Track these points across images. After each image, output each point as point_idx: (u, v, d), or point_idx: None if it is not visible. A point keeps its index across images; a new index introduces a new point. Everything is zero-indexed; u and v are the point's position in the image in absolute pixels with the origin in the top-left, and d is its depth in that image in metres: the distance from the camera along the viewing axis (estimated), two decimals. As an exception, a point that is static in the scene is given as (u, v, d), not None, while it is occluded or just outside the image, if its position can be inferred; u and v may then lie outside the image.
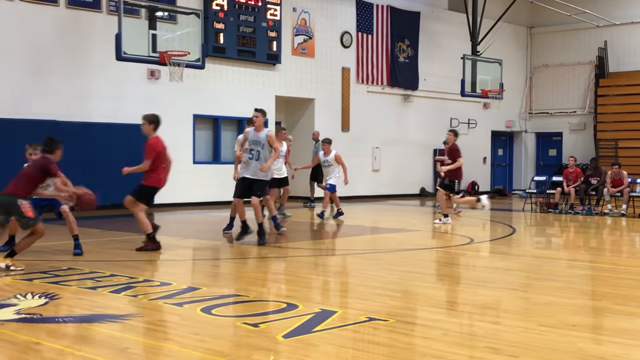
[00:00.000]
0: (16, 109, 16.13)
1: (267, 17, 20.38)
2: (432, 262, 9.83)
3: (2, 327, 5.64)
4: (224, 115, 20.01)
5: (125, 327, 5.76)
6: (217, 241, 11.82)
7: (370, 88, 23.99)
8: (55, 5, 16.73)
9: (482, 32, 23.58)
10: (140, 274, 8.46)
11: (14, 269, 8.44)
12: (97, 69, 17.31)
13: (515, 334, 5.62)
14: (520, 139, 29.65)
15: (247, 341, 5.30)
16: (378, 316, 6.18)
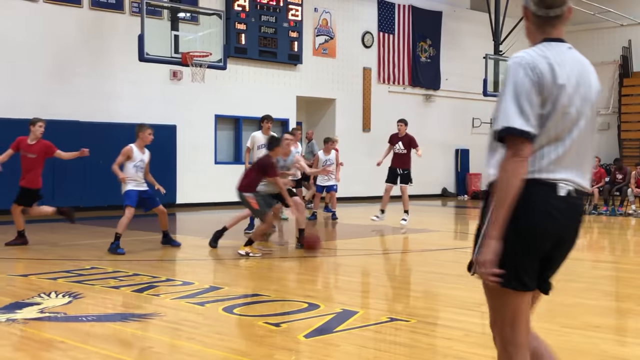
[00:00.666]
0: (40, 110, 16.23)
1: (289, 17, 20.41)
2: (454, 262, 9.78)
3: (26, 326, 5.70)
4: (245, 115, 20.06)
5: (148, 326, 5.79)
6: (238, 241, 11.84)
7: (392, 88, 23.94)
8: (79, 7, 16.87)
9: (505, 31, 23.43)
10: (162, 273, 8.50)
11: (253, 255, 9.69)
12: (120, 69, 17.44)
13: (539, 335, 5.58)
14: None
15: (269, 341, 5.31)
16: (399, 316, 6.17)
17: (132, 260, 9.66)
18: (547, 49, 2.94)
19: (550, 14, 2.98)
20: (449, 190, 25.71)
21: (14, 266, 8.84)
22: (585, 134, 2.92)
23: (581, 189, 2.93)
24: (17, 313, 6.14)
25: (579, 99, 2.89)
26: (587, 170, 2.95)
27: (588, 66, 2.99)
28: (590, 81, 2.96)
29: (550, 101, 2.83)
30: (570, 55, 2.95)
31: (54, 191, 16.37)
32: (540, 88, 2.83)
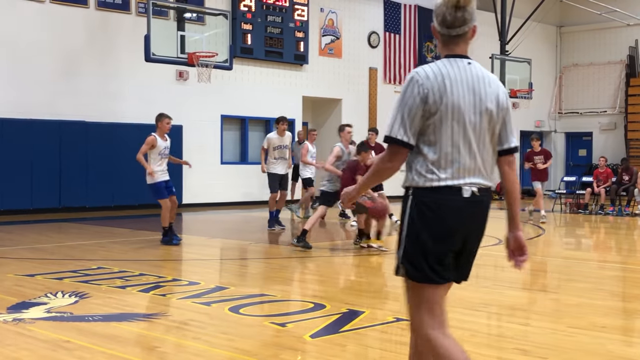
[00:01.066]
0: (46, 110, 16.33)
1: (295, 17, 20.41)
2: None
3: (33, 326, 5.71)
4: (252, 115, 20.08)
5: (154, 326, 5.80)
6: (244, 241, 11.86)
7: (398, 88, 23.90)
8: (85, 7, 16.91)
9: (511, 31, 23.40)
10: (168, 273, 8.51)
11: (377, 247, 10.35)
12: (126, 70, 17.47)
13: (545, 335, 5.57)
14: (550, 139, 29.39)
15: (275, 340, 5.31)
16: (406, 316, 6.15)
17: (139, 260, 9.68)
18: (445, 64, 3.24)
19: (452, 33, 3.29)
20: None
21: (21, 266, 8.87)
22: (484, 138, 3.24)
23: (484, 187, 3.25)
24: (24, 313, 6.16)
25: (474, 109, 3.19)
26: (488, 170, 3.27)
27: (487, 78, 3.29)
28: (487, 92, 3.24)
29: (439, 112, 3.14)
30: (468, 70, 3.25)
31: (61, 191, 16.42)
32: (426, 102, 3.14)
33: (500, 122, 3.32)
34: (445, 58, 3.29)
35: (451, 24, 3.28)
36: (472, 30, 3.34)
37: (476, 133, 3.22)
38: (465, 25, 3.30)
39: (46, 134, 16.21)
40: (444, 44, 3.34)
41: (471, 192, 3.20)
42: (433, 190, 3.16)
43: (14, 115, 15.85)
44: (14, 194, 15.82)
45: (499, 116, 3.29)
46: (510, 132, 3.37)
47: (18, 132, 15.88)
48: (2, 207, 15.66)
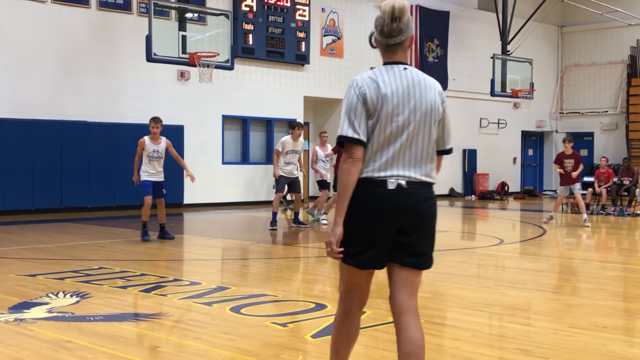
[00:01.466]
0: (48, 110, 16.35)
1: (296, 17, 20.42)
2: (461, 262, 9.77)
3: (34, 325, 5.72)
4: (253, 115, 20.09)
5: (156, 326, 5.81)
6: (245, 241, 11.86)
7: (399, 88, 23.89)
8: (87, 7, 16.92)
9: (513, 31, 23.40)
10: (170, 273, 8.52)
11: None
12: (128, 70, 17.48)
13: (546, 335, 5.57)
14: (551, 139, 29.39)
15: (276, 341, 5.31)
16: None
17: (140, 260, 9.69)
18: (381, 71, 3.58)
19: (389, 42, 3.60)
20: (457, 190, 25.66)
21: (22, 266, 8.87)
22: (417, 137, 3.53)
23: (416, 180, 3.53)
24: (25, 313, 6.16)
25: (407, 109, 3.50)
26: (423, 164, 3.57)
27: (423, 82, 3.59)
28: (422, 94, 3.55)
29: (376, 113, 3.49)
30: (404, 75, 3.57)
31: (62, 191, 16.43)
32: (365, 103, 3.49)
33: (436, 123, 3.61)
34: (383, 65, 3.62)
35: (388, 33, 3.58)
36: (409, 39, 3.65)
37: (409, 131, 3.51)
38: (402, 35, 3.60)
39: (48, 134, 16.22)
40: (383, 52, 3.65)
41: (397, 185, 3.48)
42: (364, 181, 3.49)
43: (16, 115, 15.87)
44: (16, 194, 15.83)
45: (433, 118, 3.58)
46: (447, 134, 3.71)
47: (19, 132, 15.89)
48: (4, 207, 15.67)
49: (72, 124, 16.52)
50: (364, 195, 3.49)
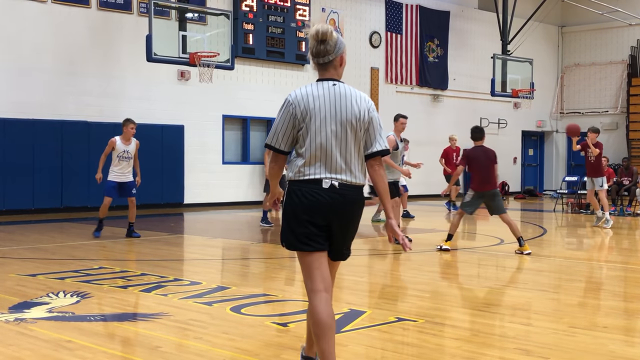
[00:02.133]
0: (48, 110, 16.35)
1: (296, 17, 20.42)
2: (461, 262, 9.77)
3: (34, 325, 5.72)
4: (253, 115, 20.09)
5: (156, 326, 5.81)
6: (246, 241, 11.87)
7: (399, 88, 23.93)
8: (87, 7, 16.92)
9: (513, 31, 23.40)
10: (170, 273, 8.52)
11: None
12: (128, 70, 17.48)
13: (546, 335, 5.58)
14: (552, 139, 29.39)
15: (276, 340, 5.31)
16: (407, 316, 6.16)
17: (140, 260, 9.69)
18: (312, 86, 4.10)
19: (319, 62, 4.12)
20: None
21: (23, 266, 8.88)
22: (344, 145, 4.05)
23: (347, 182, 4.06)
24: (26, 312, 6.17)
25: (335, 121, 4.03)
26: (352, 169, 4.07)
27: (350, 95, 4.09)
28: (347, 106, 4.05)
29: (305, 124, 4.03)
30: (332, 90, 4.08)
31: (62, 191, 16.43)
32: (295, 118, 4.04)
33: (363, 131, 4.09)
34: (316, 81, 4.14)
35: (317, 54, 4.10)
36: (338, 59, 4.13)
37: (337, 139, 4.04)
38: (329, 55, 4.09)
39: (48, 134, 16.23)
40: (317, 69, 4.16)
41: (330, 185, 4.02)
42: (300, 182, 4.05)
43: (16, 115, 15.87)
44: (16, 194, 15.84)
45: (359, 126, 4.07)
46: (374, 139, 4.11)
47: (20, 132, 15.89)
48: (4, 207, 15.68)
49: (72, 123, 16.52)
50: (303, 195, 4.03)
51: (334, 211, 4.05)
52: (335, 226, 4.09)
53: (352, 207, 4.11)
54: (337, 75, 4.17)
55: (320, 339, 3.97)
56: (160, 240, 11.68)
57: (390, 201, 4.22)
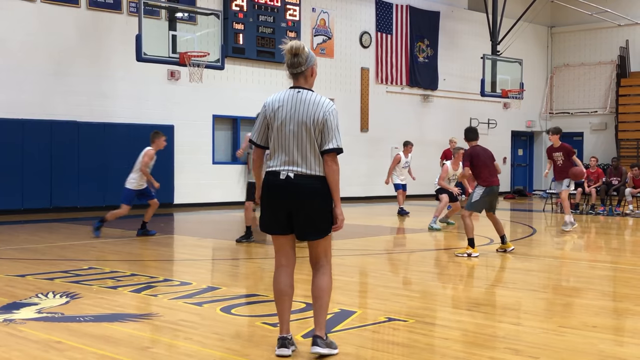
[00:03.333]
0: (38, 110, 16.29)
1: (287, 17, 20.42)
2: (451, 262, 9.79)
3: (23, 326, 5.70)
4: (243, 115, 20.06)
5: (146, 327, 5.79)
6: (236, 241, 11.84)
7: (390, 88, 23.96)
8: (76, 7, 16.87)
9: (502, 31, 23.47)
10: (160, 273, 8.50)
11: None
12: (118, 69, 17.43)
13: (536, 335, 5.59)
14: (541, 139, 29.49)
15: (267, 341, 5.31)
16: (397, 316, 6.17)
17: (130, 260, 9.66)
18: (283, 93, 4.90)
19: (293, 72, 4.92)
20: (447, 190, 25.69)
21: (12, 266, 8.84)
22: (300, 142, 4.80)
23: (302, 173, 4.80)
24: (15, 313, 6.14)
25: (293, 122, 4.80)
26: (308, 162, 4.79)
27: (310, 101, 4.83)
28: (305, 110, 4.81)
29: (271, 124, 4.88)
30: (297, 96, 4.86)
31: (52, 191, 16.37)
32: (265, 118, 4.92)
33: (318, 131, 4.79)
34: (289, 88, 4.90)
35: (290, 65, 4.89)
36: (309, 69, 4.92)
37: (295, 137, 4.79)
38: (301, 67, 4.87)
39: (37, 134, 16.16)
40: (290, 78, 4.95)
41: (286, 176, 4.80)
42: (267, 173, 4.89)
43: (5, 115, 15.80)
44: (5, 194, 15.76)
45: (314, 127, 4.79)
46: (327, 138, 4.78)
47: (9, 132, 15.83)
48: (-7, 207, 15.60)
49: (62, 123, 16.46)
50: (268, 183, 4.87)
51: (290, 198, 4.80)
52: (294, 211, 4.81)
53: (307, 193, 4.79)
54: (307, 84, 4.93)
55: (277, 302, 4.96)
56: (150, 241, 11.65)
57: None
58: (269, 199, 4.88)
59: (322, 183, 4.82)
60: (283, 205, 4.82)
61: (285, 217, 4.84)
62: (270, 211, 4.89)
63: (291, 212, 4.82)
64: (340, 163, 4.90)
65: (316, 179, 4.81)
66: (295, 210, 4.81)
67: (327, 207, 4.87)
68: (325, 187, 4.83)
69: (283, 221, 4.86)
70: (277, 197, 4.83)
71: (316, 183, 4.81)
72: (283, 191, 4.80)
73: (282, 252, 4.97)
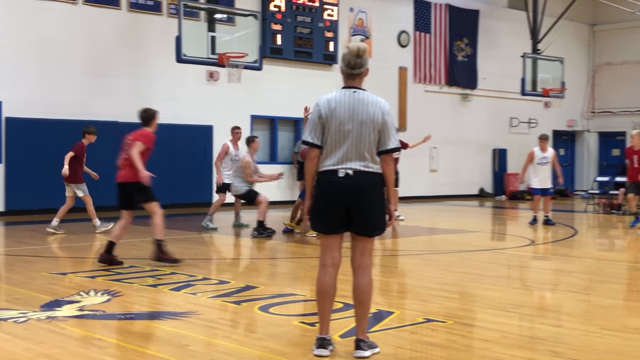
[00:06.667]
0: (78, 111, 16.52)
1: (324, 17, 20.42)
2: (490, 263, 9.70)
3: (65, 323, 5.78)
4: (281, 115, 20.12)
5: (185, 325, 5.84)
6: (274, 240, 11.89)
7: (428, 87, 23.83)
8: (117, 8, 17.08)
9: (543, 30, 23.18)
10: (199, 272, 8.56)
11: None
12: (157, 70, 17.61)
13: (577, 337, 5.51)
14: (583, 139, 29.06)
15: (304, 340, 5.31)
16: (435, 317, 6.13)
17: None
18: (338, 93, 4.96)
19: (352, 72, 4.97)
20: (486, 190, 25.48)
21: (54, 264, 8.98)
22: (358, 141, 4.84)
23: (360, 170, 4.85)
24: (57, 311, 6.23)
25: (352, 121, 4.85)
26: (365, 158, 4.85)
27: (367, 101, 4.90)
28: (362, 109, 4.86)
29: (327, 123, 4.89)
30: (352, 96, 4.91)
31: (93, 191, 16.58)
32: (321, 117, 4.91)
33: (375, 131, 4.86)
34: (341, 89, 4.97)
35: (353, 66, 4.95)
36: (365, 70, 5.00)
37: (353, 136, 4.84)
38: (362, 68, 4.97)
39: (78, 134, 16.35)
40: (345, 79, 5.00)
41: (345, 173, 4.84)
42: (322, 172, 4.90)
43: (47, 115, 16.07)
44: (48, 193, 16.01)
45: (373, 127, 4.86)
46: (386, 138, 4.89)
47: (50, 133, 16.09)
48: (37, 206, 15.90)
49: (102, 124, 16.64)
50: (324, 182, 4.88)
51: (351, 195, 4.82)
52: (353, 208, 4.84)
53: (367, 190, 4.85)
54: (360, 84, 5.00)
55: (319, 302, 5.01)
56: (189, 240, 11.75)
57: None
58: (327, 197, 4.86)
59: (379, 180, 4.90)
60: (342, 203, 4.83)
61: (342, 215, 4.86)
62: (326, 210, 4.88)
63: (349, 209, 4.84)
64: (378, 163, 4.91)
65: (373, 176, 4.87)
66: (354, 207, 4.83)
67: (384, 203, 4.94)
68: (382, 184, 4.91)
69: (339, 220, 4.87)
70: (336, 194, 4.84)
71: (374, 179, 4.87)
72: (343, 188, 4.82)
73: (330, 252, 4.98)
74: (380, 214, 4.93)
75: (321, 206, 4.90)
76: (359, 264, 4.98)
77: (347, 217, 4.88)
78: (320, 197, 4.90)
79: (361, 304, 4.96)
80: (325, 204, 4.88)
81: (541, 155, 14.67)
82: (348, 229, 4.93)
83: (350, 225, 4.90)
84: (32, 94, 16.00)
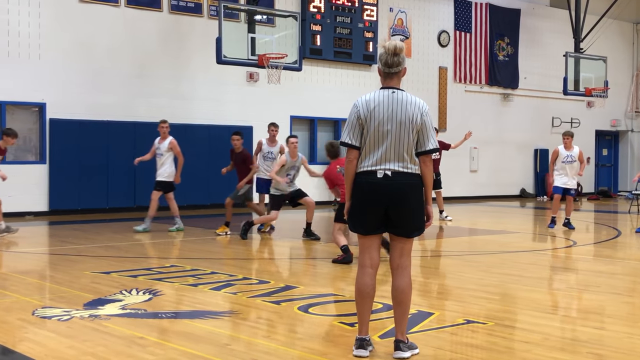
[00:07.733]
0: (121, 112, 16.76)
1: (364, 17, 20.39)
2: (532, 265, 9.59)
3: (108, 322, 5.87)
4: (320, 116, 20.15)
5: (225, 324, 5.88)
6: (313, 240, 11.90)
7: (468, 87, 23.65)
8: (159, 11, 17.27)
9: (586, 28, 22.84)
10: (239, 272, 8.62)
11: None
12: (198, 72, 17.77)
13: (620, 339, 5.43)
14: (626, 139, 28.58)
15: (344, 340, 5.31)
16: (476, 319, 6.09)
17: (210, 258, 9.83)
18: (376, 93, 4.93)
19: (390, 71, 4.94)
20: (528, 191, 25.19)
21: (97, 263, 9.11)
22: (397, 141, 4.82)
23: (399, 171, 4.83)
24: (100, 309, 6.33)
25: (391, 122, 4.82)
26: (404, 159, 4.83)
27: (405, 101, 4.87)
28: (401, 110, 4.83)
29: (366, 124, 4.86)
30: (391, 96, 4.89)
31: (135, 191, 16.78)
32: (359, 118, 4.88)
33: (415, 131, 4.85)
34: (380, 89, 4.94)
35: (390, 64, 4.91)
36: (403, 70, 4.96)
37: (392, 137, 4.81)
38: (399, 66, 4.93)
39: (121, 135, 16.62)
40: (383, 79, 4.98)
41: (384, 174, 4.83)
42: (361, 173, 4.89)
43: (91, 117, 16.33)
44: (91, 193, 16.29)
45: (412, 127, 4.83)
46: (425, 139, 4.88)
47: (94, 134, 16.34)
48: (80, 206, 16.15)
49: (144, 125, 16.86)
50: (363, 183, 4.87)
51: (390, 196, 4.81)
52: (391, 208, 4.82)
53: (406, 190, 4.83)
54: (398, 84, 4.96)
55: (358, 303, 4.98)
56: (230, 240, 11.82)
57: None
58: (365, 197, 4.85)
59: (417, 180, 4.89)
60: (381, 204, 4.82)
61: (380, 215, 4.85)
62: (365, 210, 4.87)
63: (388, 210, 4.83)
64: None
65: (412, 176, 4.86)
66: (393, 208, 4.82)
67: (423, 204, 4.94)
68: (421, 184, 4.91)
69: (377, 220, 4.87)
70: (374, 195, 4.82)
71: (413, 180, 4.86)
72: (382, 189, 4.80)
73: (368, 253, 4.95)
74: (418, 215, 4.91)
75: (359, 207, 4.89)
76: (398, 265, 4.96)
77: (386, 218, 4.86)
78: (359, 198, 4.88)
79: (400, 305, 4.93)
80: (364, 204, 4.86)
81: (566, 153, 14.00)
82: (387, 229, 4.92)
83: (389, 225, 4.89)
84: (75, 95, 16.26)
